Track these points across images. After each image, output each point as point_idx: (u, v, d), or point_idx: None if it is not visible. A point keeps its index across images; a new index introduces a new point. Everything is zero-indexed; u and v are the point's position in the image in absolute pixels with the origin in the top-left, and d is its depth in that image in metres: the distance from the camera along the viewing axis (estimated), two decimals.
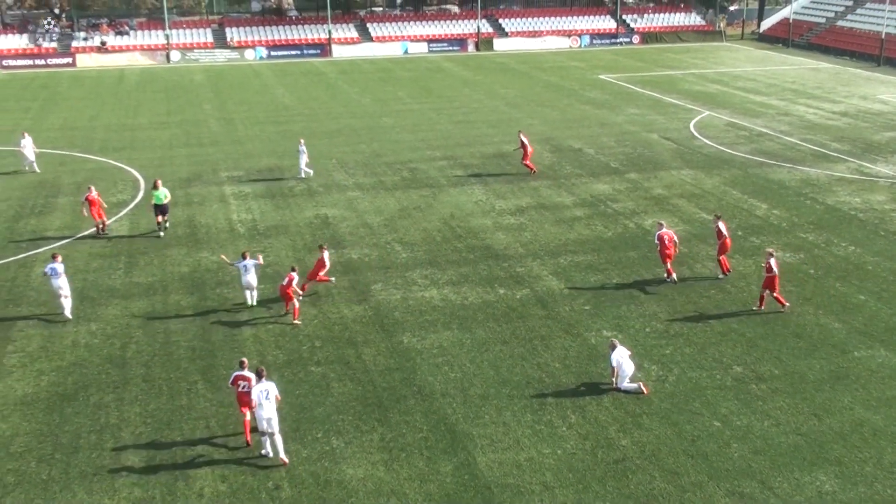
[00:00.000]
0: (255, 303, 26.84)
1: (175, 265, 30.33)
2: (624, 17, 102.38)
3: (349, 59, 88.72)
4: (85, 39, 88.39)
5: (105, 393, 21.79)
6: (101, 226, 33.62)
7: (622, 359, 21.76)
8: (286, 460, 18.95)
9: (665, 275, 28.70)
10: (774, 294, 26.17)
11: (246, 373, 19.81)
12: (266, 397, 18.93)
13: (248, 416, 19.70)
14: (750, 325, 25.42)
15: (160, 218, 33.84)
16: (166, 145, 48.22)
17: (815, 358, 23.46)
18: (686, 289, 28.11)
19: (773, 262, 25.77)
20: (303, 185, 39.98)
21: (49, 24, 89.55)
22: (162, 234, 33.68)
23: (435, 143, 48.68)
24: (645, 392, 21.64)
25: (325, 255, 27.85)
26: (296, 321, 25.56)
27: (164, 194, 33.70)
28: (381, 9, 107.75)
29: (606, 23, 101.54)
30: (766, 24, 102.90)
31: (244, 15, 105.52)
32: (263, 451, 19.20)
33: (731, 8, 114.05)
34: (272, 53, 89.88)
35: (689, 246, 31.88)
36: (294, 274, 25.79)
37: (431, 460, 19.00)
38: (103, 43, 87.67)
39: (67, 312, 26.23)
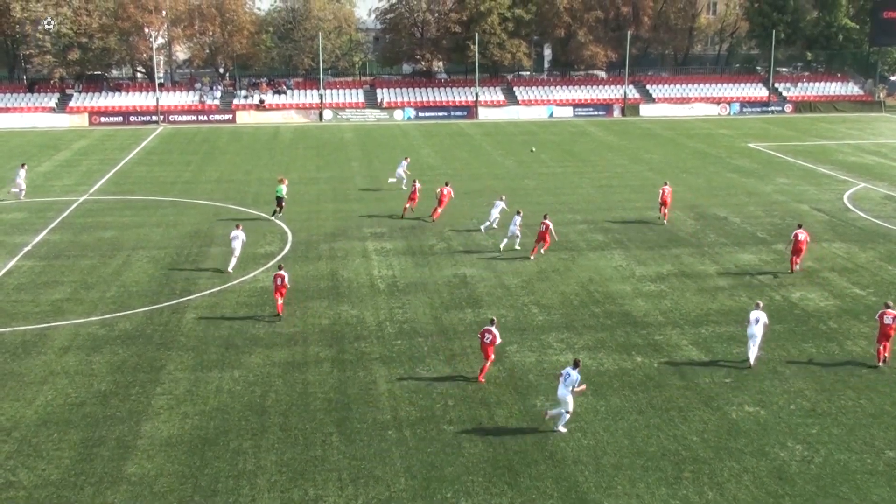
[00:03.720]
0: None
1: (316, 317, 31.09)
2: (777, 85, 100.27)
3: (494, 122, 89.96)
4: (245, 97, 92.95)
5: (244, 439, 22.39)
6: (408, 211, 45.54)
7: (755, 321, 26.38)
8: (562, 430, 22.50)
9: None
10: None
11: (493, 328, 25.19)
12: (565, 381, 22.28)
13: (488, 363, 25.48)
14: None
15: (277, 207, 45.52)
16: (314, 200, 49.79)
17: None
18: (836, 367, 26.88)
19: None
20: (443, 244, 40.50)
21: (214, 83, 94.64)
22: (272, 217, 45.14)
23: (576, 206, 48.55)
24: (751, 364, 26.48)
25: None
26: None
27: (283, 190, 45.58)
28: (528, 73, 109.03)
29: (758, 91, 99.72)
30: None
31: (395, 77, 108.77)
32: (547, 416, 22.88)
33: (893, 78, 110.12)
34: (420, 114, 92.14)
35: (839, 322, 30.57)
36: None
37: None
38: (262, 101, 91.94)
39: (230, 268, 36.05)
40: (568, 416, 22.49)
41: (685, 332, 29.71)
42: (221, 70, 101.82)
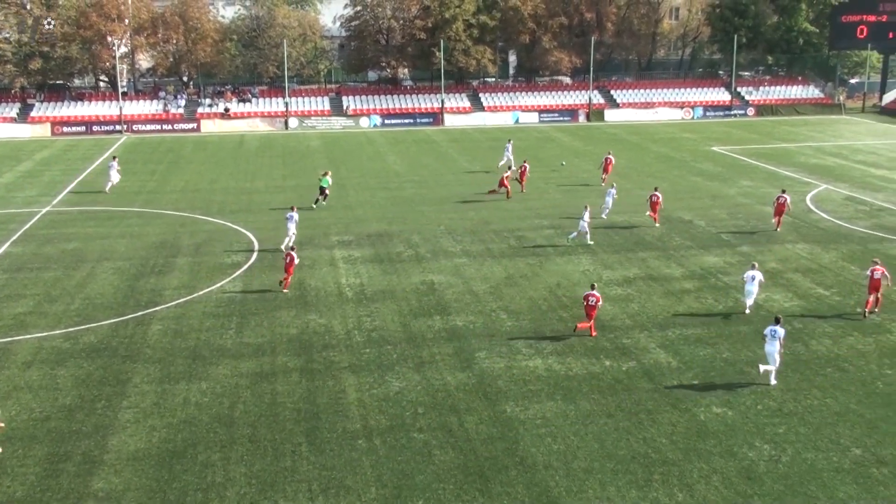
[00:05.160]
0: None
1: (284, 327, 30.94)
2: (739, 89, 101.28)
3: (461, 128, 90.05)
4: (210, 106, 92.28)
5: (212, 451, 22.21)
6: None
7: (751, 278, 31.01)
8: (773, 383, 25.54)
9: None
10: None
11: (595, 292, 29.42)
12: (772, 335, 25.43)
13: (591, 323, 29.45)
14: (870, 406, 24.35)
15: (320, 196, 49.62)
16: (280, 209, 49.53)
17: None
18: (801, 366, 27.17)
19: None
20: (411, 251, 40.47)
21: (178, 91, 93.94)
22: (314, 206, 49.09)
23: (543, 211, 48.70)
24: (746, 311, 31.41)
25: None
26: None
27: (327, 182, 50.21)
28: (493, 79, 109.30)
29: (720, 95, 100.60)
30: (889, 97, 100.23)
31: (360, 84, 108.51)
32: (762, 371, 25.86)
33: (852, 81, 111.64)
34: (386, 121, 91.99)
35: (804, 322, 30.91)
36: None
37: None
38: (227, 109, 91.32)
39: (283, 246, 38.91)
40: (775, 370, 25.63)
41: (652, 335, 29.90)
42: (185, 78, 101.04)
